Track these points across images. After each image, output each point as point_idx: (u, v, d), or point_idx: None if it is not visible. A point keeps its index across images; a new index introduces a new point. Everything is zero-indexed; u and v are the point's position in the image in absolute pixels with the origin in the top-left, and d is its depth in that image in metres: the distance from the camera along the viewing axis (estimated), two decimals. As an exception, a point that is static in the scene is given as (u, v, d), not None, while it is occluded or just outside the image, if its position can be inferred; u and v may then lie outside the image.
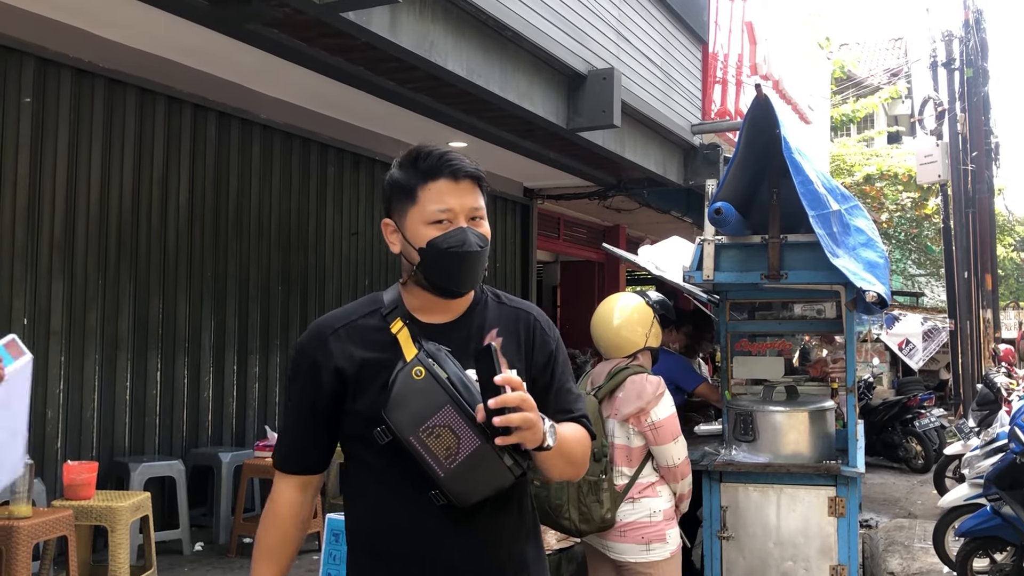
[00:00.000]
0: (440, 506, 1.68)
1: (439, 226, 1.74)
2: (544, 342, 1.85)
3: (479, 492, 1.67)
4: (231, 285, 7.09)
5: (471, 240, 1.73)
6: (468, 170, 1.77)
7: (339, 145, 8.09)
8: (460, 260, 1.73)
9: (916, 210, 18.67)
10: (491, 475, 1.65)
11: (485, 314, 1.84)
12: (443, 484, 1.64)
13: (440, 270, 1.74)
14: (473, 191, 1.78)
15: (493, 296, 1.89)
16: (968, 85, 13.35)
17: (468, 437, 1.61)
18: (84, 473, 4.73)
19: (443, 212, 1.74)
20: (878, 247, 4.36)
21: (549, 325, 1.89)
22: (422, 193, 1.75)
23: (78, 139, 5.92)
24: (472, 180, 1.78)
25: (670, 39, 8.58)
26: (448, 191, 1.74)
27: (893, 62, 24.85)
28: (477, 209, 1.78)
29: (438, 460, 1.62)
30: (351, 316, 1.81)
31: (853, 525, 4.21)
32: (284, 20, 4.89)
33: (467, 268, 1.75)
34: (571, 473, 1.84)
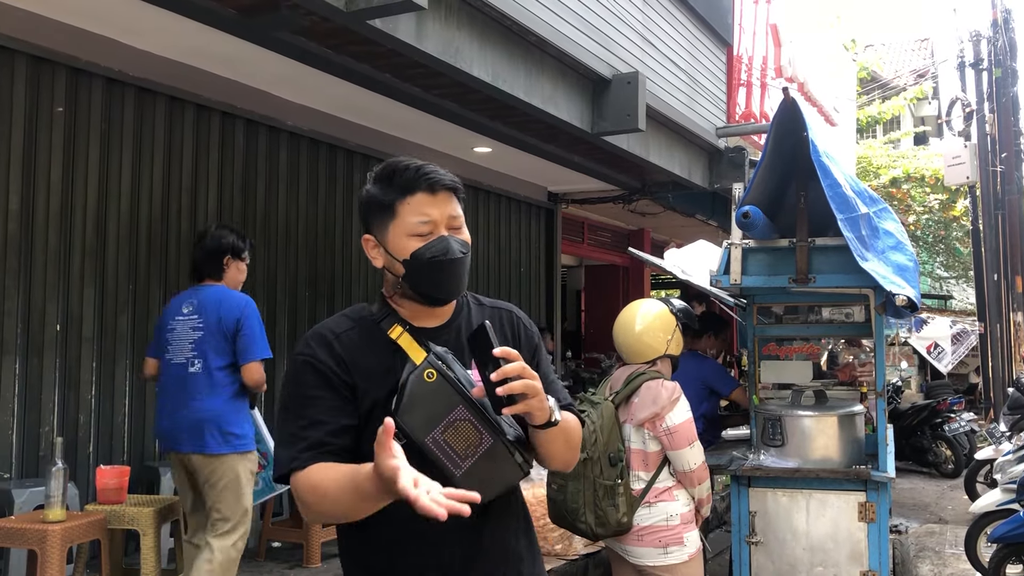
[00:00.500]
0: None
1: (421, 238, 1.78)
2: (528, 337, 1.92)
3: (492, 490, 1.68)
4: (259, 291, 7.14)
5: (453, 247, 1.78)
6: (444, 182, 1.82)
7: (365, 151, 8.13)
8: (444, 268, 1.77)
9: (944, 212, 18.48)
10: (503, 473, 1.68)
11: (469, 316, 1.89)
12: (457, 484, 1.63)
13: (426, 279, 1.78)
14: (450, 201, 1.83)
15: (473, 299, 1.95)
16: (997, 85, 13.22)
17: (481, 436, 1.64)
18: (117, 477, 4.78)
19: (424, 223, 1.78)
20: (907, 250, 4.33)
21: (529, 322, 1.97)
22: (401, 207, 1.79)
23: (109, 147, 6.00)
24: (448, 191, 1.83)
25: (695, 42, 8.56)
26: (427, 203, 1.79)
27: (919, 63, 24.62)
28: (455, 218, 1.83)
29: (453, 460, 1.64)
30: (343, 326, 1.84)
31: (884, 530, 4.18)
32: (311, 28, 4.94)
33: (452, 275, 1.79)
34: (570, 458, 1.85)
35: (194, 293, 4.47)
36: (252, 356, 4.22)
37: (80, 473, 5.61)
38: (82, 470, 5.64)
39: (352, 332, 1.82)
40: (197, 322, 4.33)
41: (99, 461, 5.67)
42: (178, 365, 4.34)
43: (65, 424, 5.64)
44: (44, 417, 5.53)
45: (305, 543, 5.94)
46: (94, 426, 5.82)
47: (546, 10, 5.93)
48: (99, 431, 5.85)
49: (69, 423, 5.66)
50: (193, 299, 4.42)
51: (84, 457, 5.73)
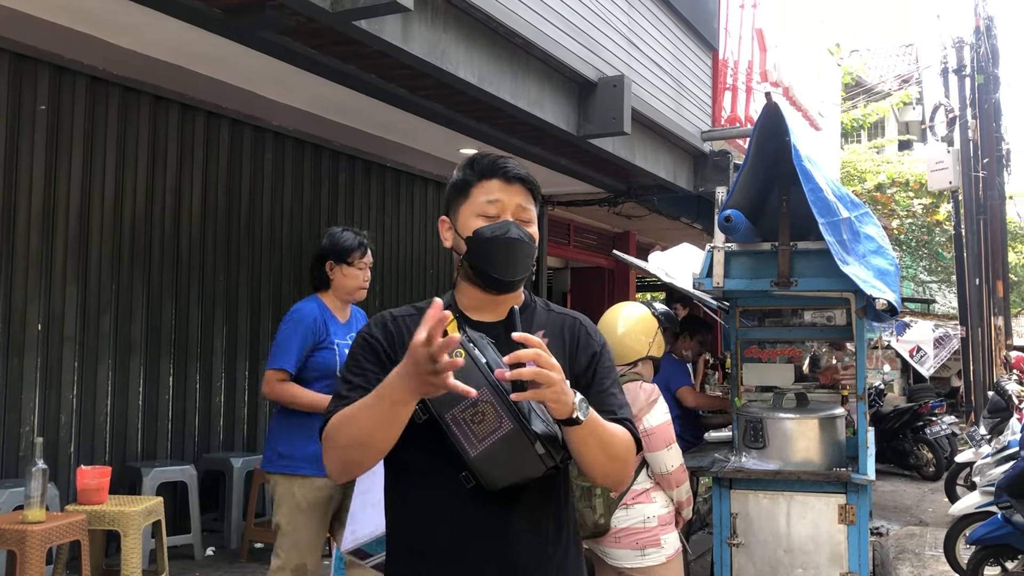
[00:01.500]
0: (469, 489, 1.71)
1: (487, 218, 1.83)
2: (588, 343, 1.90)
3: (507, 477, 1.69)
4: (243, 291, 7.13)
5: (514, 230, 1.81)
6: (520, 173, 1.87)
7: (350, 152, 8.13)
8: (502, 247, 1.80)
9: (927, 216, 18.61)
10: (521, 461, 1.67)
11: (533, 318, 1.90)
12: (472, 464, 1.68)
13: (484, 257, 1.82)
14: (523, 194, 1.87)
15: (543, 304, 1.97)
16: (979, 91, 13.34)
17: (501, 420, 1.65)
18: (97, 478, 4.76)
19: (491, 203, 1.83)
20: (888, 254, 4.37)
21: (595, 331, 1.95)
22: (475, 190, 1.86)
23: (92, 146, 5.97)
24: (523, 184, 1.87)
25: (680, 46, 8.60)
26: (499, 189, 1.85)
27: (904, 68, 24.79)
28: (525, 210, 1.86)
29: (470, 440, 1.67)
30: (407, 312, 1.91)
31: (864, 533, 4.21)
32: (297, 28, 4.93)
33: (509, 256, 1.81)
34: (612, 470, 1.81)
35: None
36: (267, 364, 3.82)
37: (61, 473, 5.58)
38: (63, 470, 5.62)
39: (410, 317, 1.87)
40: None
41: (80, 461, 5.65)
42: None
43: (46, 424, 5.61)
44: (24, 417, 5.50)
45: (288, 544, 5.91)
46: (75, 426, 5.79)
47: (532, 13, 5.95)
48: (80, 431, 5.82)
49: (50, 423, 5.63)
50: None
51: (65, 457, 5.71)
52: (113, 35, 5.35)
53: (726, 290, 4.46)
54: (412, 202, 9.07)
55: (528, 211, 1.87)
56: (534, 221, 1.88)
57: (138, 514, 4.72)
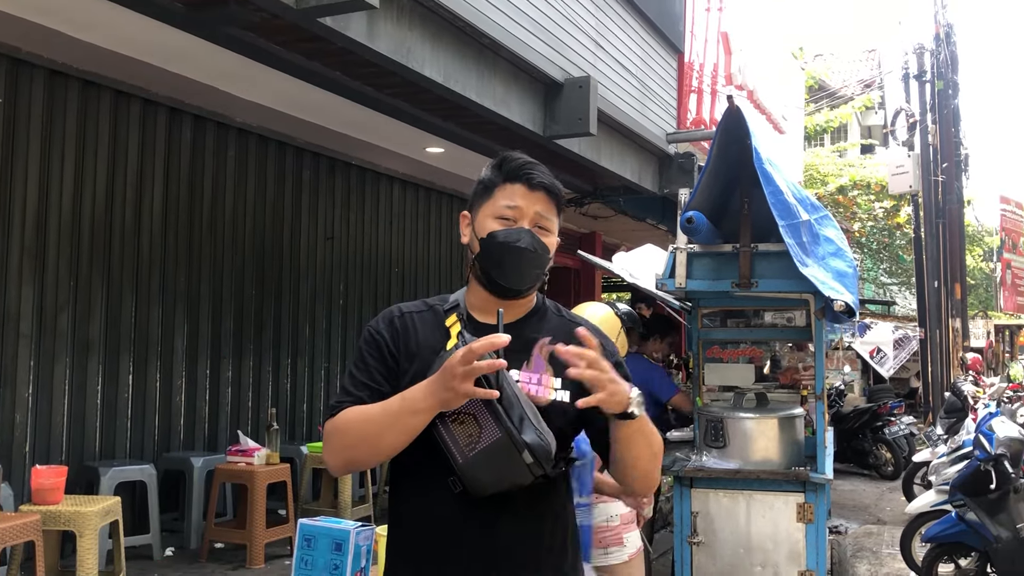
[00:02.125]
0: (459, 495, 1.71)
1: (503, 221, 1.83)
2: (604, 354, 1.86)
3: (495, 484, 1.69)
4: (205, 289, 7.05)
5: (526, 239, 1.81)
6: (544, 181, 1.86)
7: (315, 149, 8.08)
8: (512, 255, 1.80)
9: (888, 220, 18.87)
10: (509, 469, 1.66)
11: (542, 324, 1.89)
12: (460, 470, 1.69)
13: (493, 262, 1.82)
14: (545, 202, 1.86)
15: (555, 310, 1.95)
16: (939, 97, 13.56)
17: (490, 428, 1.65)
18: (53, 478, 4.69)
19: (510, 209, 1.83)
20: (847, 257, 4.43)
21: (605, 339, 1.92)
22: (498, 191, 1.86)
23: (51, 141, 5.88)
24: (546, 192, 1.86)
25: (647, 48, 8.65)
26: (520, 194, 1.84)
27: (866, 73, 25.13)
28: (544, 218, 1.85)
29: (459, 446, 1.67)
30: (416, 308, 1.91)
31: (821, 531, 4.27)
32: (261, 24, 4.89)
33: (518, 265, 1.81)
34: (653, 468, 1.81)
35: None
36: None
37: (15, 473, 5.49)
38: (17, 470, 5.52)
39: (420, 314, 1.88)
40: None
41: (36, 461, 5.56)
42: None
43: (1, 423, 5.51)
44: (-21, 416, 5.40)
45: (248, 544, 5.88)
46: (31, 425, 5.70)
47: (499, 13, 5.95)
48: (36, 430, 5.73)
49: (5, 422, 5.54)
50: None
51: (20, 457, 5.61)
52: (73, 29, 5.27)
53: (688, 291, 4.49)
54: (377, 200, 9.03)
55: (547, 220, 1.86)
56: (553, 232, 1.88)
57: (94, 514, 4.66)
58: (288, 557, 5.99)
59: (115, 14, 4.86)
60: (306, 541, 3.58)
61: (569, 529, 1.89)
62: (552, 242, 1.87)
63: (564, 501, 1.88)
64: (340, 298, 8.49)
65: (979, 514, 5.07)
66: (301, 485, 6.93)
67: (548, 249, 1.86)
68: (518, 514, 1.77)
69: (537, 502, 1.79)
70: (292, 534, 5.94)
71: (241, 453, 6.09)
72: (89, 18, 5.06)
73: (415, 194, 9.58)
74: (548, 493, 1.81)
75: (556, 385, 1.79)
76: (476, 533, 1.75)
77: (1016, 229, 22.01)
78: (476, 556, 1.76)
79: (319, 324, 8.21)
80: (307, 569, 3.63)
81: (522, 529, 1.78)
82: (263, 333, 7.57)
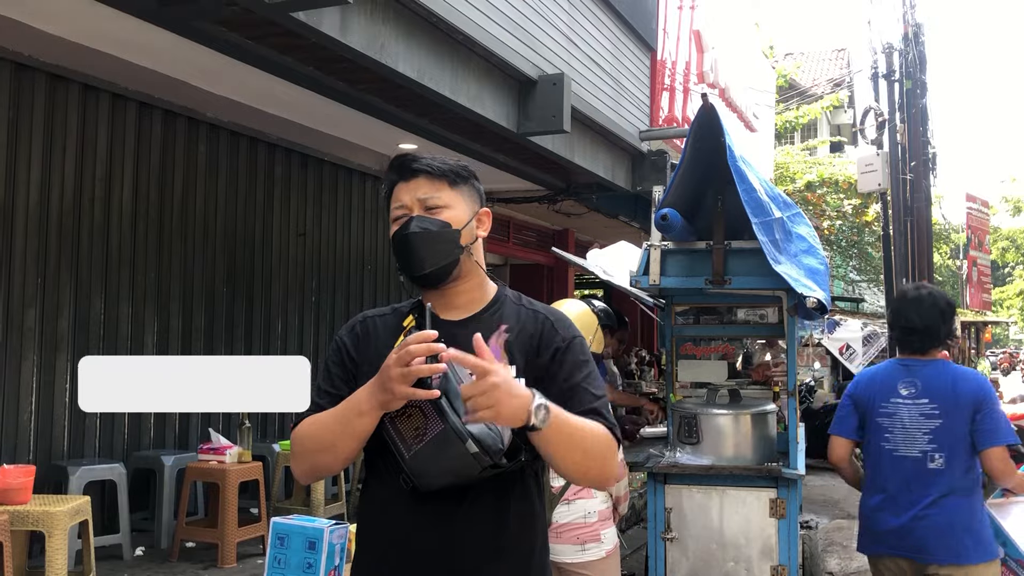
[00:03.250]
0: (410, 492, 1.71)
1: (397, 222, 1.86)
2: (551, 340, 1.84)
3: (441, 477, 1.68)
4: (175, 286, 6.98)
5: (413, 223, 1.81)
6: (418, 166, 1.85)
7: (287, 145, 8.02)
8: (403, 243, 1.82)
9: (857, 217, 19.06)
10: (453, 461, 1.65)
11: (501, 312, 1.88)
12: (408, 466, 1.69)
13: (400, 260, 1.85)
14: (427, 184, 1.86)
15: (515, 298, 1.93)
16: (907, 96, 13.70)
17: (434, 420, 1.65)
18: (20, 477, 4.62)
19: (398, 208, 1.86)
20: (819, 254, 4.47)
21: (563, 326, 1.88)
22: (390, 201, 1.89)
23: (18, 135, 5.79)
24: (426, 174, 1.86)
25: (619, 46, 8.67)
26: (402, 190, 1.87)
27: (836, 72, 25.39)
28: (431, 198, 1.84)
29: (405, 442, 1.68)
30: (380, 312, 1.93)
31: (793, 526, 4.30)
32: (233, 18, 4.84)
33: (412, 249, 1.81)
34: (590, 468, 1.74)
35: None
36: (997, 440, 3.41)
37: (-18, 473, 5.39)
38: (-16, 469, 5.43)
39: (382, 318, 1.90)
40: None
41: (3, 460, 5.47)
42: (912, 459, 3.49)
43: (-34, 422, 5.42)
44: (-56, 414, 5.31)
45: (220, 543, 5.83)
46: (-2, 424, 5.61)
47: (473, 9, 5.93)
48: (3, 429, 5.65)
49: (-29, 421, 5.45)
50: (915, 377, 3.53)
51: (-13, 456, 5.52)
52: (39, 20, 5.18)
53: (662, 288, 4.51)
54: (350, 196, 8.98)
55: (436, 198, 1.84)
56: (451, 206, 1.85)
57: (63, 514, 4.60)
58: (260, 556, 5.94)
59: (83, 5, 4.78)
60: (279, 540, 3.56)
61: (537, 530, 1.86)
62: (453, 215, 1.84)
63: (532, 500, 1.84)
64: (312, 295, 8.44)
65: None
66: (273, 483, 6.88)
67: (446, 224, 1.82)
68: (474, 513, 1.75)
69: (497, 500, 1.77)
70: (264, 533, 5.89)
71: (213, 451, 6.04)
72: (56, 9, 4.98)
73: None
74: (509, 491, 1.78)
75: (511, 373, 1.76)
76: (430, 532, 1.74)
77: (982, 227, 22.35)
78: (429, 555, 1.74)
79: (291, 321, 8.15)
80: (280, 568, 3.60)
81: (479, 528, 1.75)
82: (234, 330, 7.51)
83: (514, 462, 1.71)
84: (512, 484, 1.78)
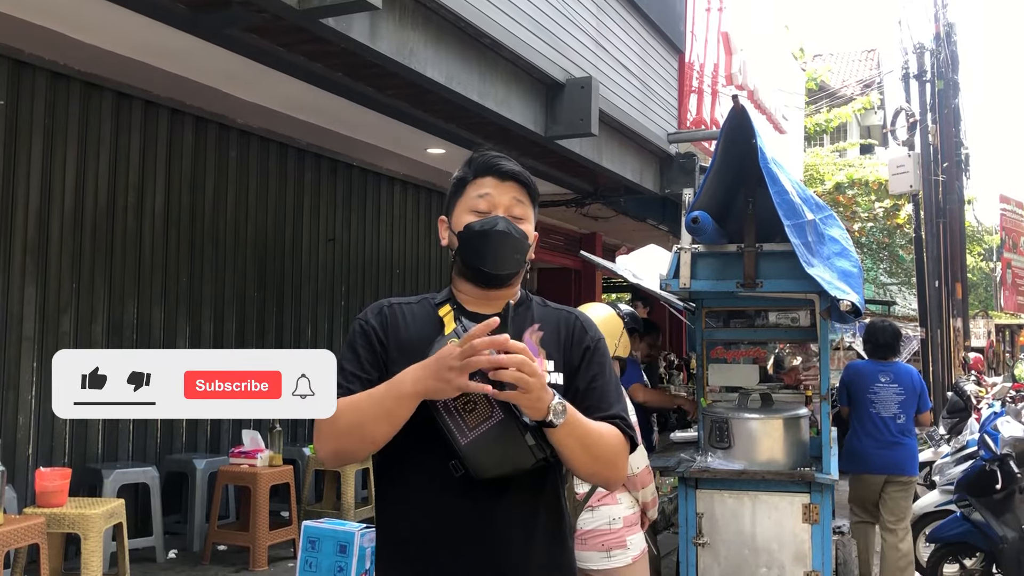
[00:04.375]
0: (459, 480, 1.72)
1: (478, 214, 1.86)
2: (581, 338, 1.89)
3: (497, 467, 1.70)
4: (206, 291, 7.05)
5: (502, 224, 1.83)
6: (514, 171, 1.90)
7: (316, 151, 8.07)
8: (489, 239, 1.83)
9: (888, 220, 18.86)
10: (511, 451, 1.69)
11: (529, 313, 1.91)
12: (463, 452, 1.69)
13: (473, 251, 1.84)
14: (517, 190, 1.90)
15: (540, 302, 1.97)
16: (939, 97, 13.54)
17: (494, 409, 1.67)
18: (56, 480, 4.68)
19: (483, 197, 1.86)
20: (852, 256, 4.42)
21: (591, 326, 1.94)
22: (470, 187, 1.89)
23: (53, 142, 5.87)
24: (517, 182, 1.90)
25: (647, 48, 8.64)
26: (491, 185, 1.88)
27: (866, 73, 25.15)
28: (517, 206, 1.89)
29: (461, 428, 1.69)
30: (405, 301, 1.94)
31: (827, 532, 4.26)
32: (263, 25, 4.89)
33: (495, 248, 1.83)
34: (598, 470, 1.80)
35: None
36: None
37: (19, 475, 5.48)
38: (21, 472, 5.51)
39: (410, 306, 1.91)
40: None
41: (39, 463, 5.54)
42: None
43: (3, 425, 5.50)
44: (-18, 418, 5.39)
45: (252, 546, 5.87)
46: (34, 427, 5.69)
47: (501, 13, 5.94)
48: (39, 433, 5.72)
49: (8, 424, 5.53)
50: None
51: (23, 459, 5.60)
52: (76, 30, 5.26)
53: (692, 291, 4.49)
54: (379, 201, 9.02)
55: (521, 207, 1.89)
56: (528, 219, 1.90)
57: (99, 517, 4.65)
58: (291, 559, 5.98)
59: (117, 15, 4.85)
60: (310, 543, 3.59)
61: (564, 518, 1.90)
62: (528, 230, 1.89)
63: (558, 490, 1.89)
64: (341, 299, 8.48)
65: (984, 514, 5.06)
66: (304, 487, 6.92)
67: (527, 236, 1.88)
68: (516, 499, 1.78)
69: (534, 488, 1.81)
70: (295, 536, 5.93)
71: (244, 455, 6.08)
72: (91, 19, 5.05)
73: (416, 195, 9.57)
74: (544, 481, 1.83)
75: (550, 368, 1.81)
76: (473, 516, 1.76)
77: (1016, 228, 22.00)
78: (469, 540, 1.76)
79: (321, 325, 8.20)
80: (312, 571, 3.62)
81: (518, 515, 1.79)
82: (265, 335, 7.56)
83: (555, 453, 1.75)
84: (549, 473, 1.83)
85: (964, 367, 13.18)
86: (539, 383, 1.61)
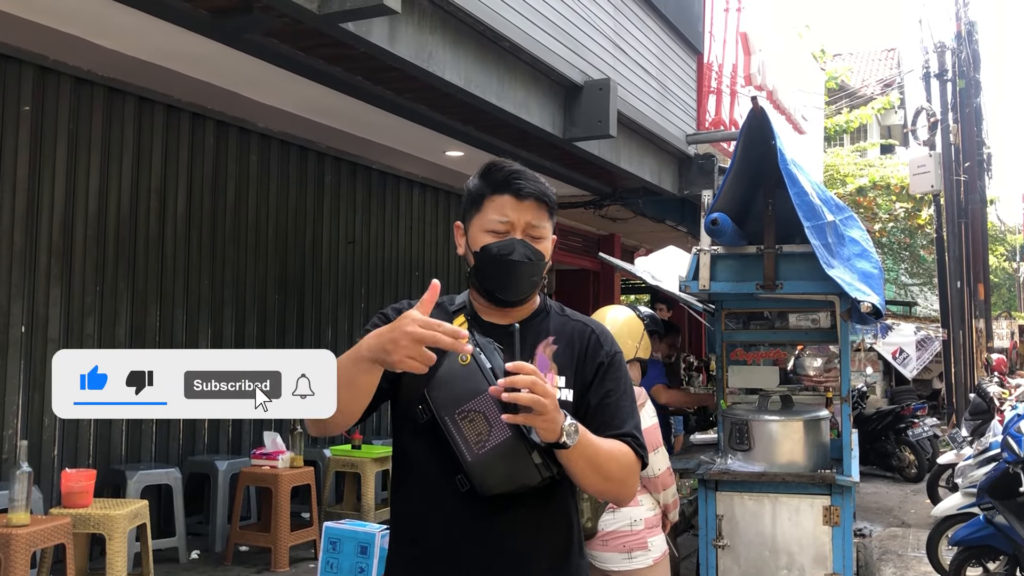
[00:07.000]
0: (464, 493, 1.72)
1: (495, 235, 1.83)
2: (595, 353, 1.87)
3: (503, 484, 1.70)
4: (228, 293, 7.10)
5: (519, 250, 1.81)
6: (532, 190, 1.85)
7: (336, 154, 8.12)
8: (505, 267, 1.81)
9: (909, 220, 18.74)
10: (517, 469, 1.68)
11: (545, 324, 1.89)
12: (469, 468, 1.69)
13: (488, 275, 1.83)
14: (536, 210, 1.85)
15: (558, 310, 1.95)
16: (960, 96, 13.45)
17: (500, 427, 1.65)
18: (82, 481, 4.73)
19: (501, 222, 1.83)
20: (872, 257, 4.40)
21: (607, 340, 1.91)
22: (487, 203, 1.85)
23: (77, 147, 5.94)
24: (536, 200, 1.85)
25: (665, 49, 8.63)
26: (510, 205, 1.83)
27: (886, 72, 24.99)
28: (536, 227, 1.85)
29: (468, 444, 1.68)
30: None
31: (848, 534, 4.24)
32: (283, 30, 4.92)
33: (512, 276, 1.82)
34: (607, 489, 1.80)
35: None
36: None
37: (44, 476, 5.54)
38: (46, 473, 5.58)
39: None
40: None
41: (64, 464, 5.61)
42: None
43: (29, 427, 5.57)
44: (8, 420, 5.46)
45: (273, 547, 5.91)
46: (59, 429, 5.76)
47: (519, 16, 5.96)
48: (64, 434, 5.79)
49: (33, 426, 5.59)
50: None
51: (49, 460, 5.67)
52: (99, 36, 5.32)
53: (712, 293, 4.49)
54: (398, 204, 9.06)
55: (539, 228, 1.86)
56: (546, 237, 1.88)
57: (123, 517, 4.70)
58: (312, 560, 6.02)
59: (139, 21, 4.91)
60: (332, 544, 3.61)
61: (573, 529, 1.89)
62: (546, 247, 1.87)
63: (568, 502, 1.87)
64: (361, 302, 8.52)
65: (1008, 517, 5.02)
66: (324, 488, 6.96)
67: (543, 256, 1.86)
68: (524, 513, 1.78)
69: (541, 504, 1.80)
70: (316, 537, 5.96)
71: (265, 456, 6.13)
72: (114, 25, 5.11)
73: (435, 197, 9.61)
74: (552, 495, 1.81)
75: (560, 384, 1.80)
76: (480, 531, 1.76)
77: (1039, 228, 21.78)
78: (475, 555, 1.76)
79: (341, 328, 8.24)
80: (333, 572, 3.65)
81: (526, 529, 1.79)
82: (285, 337, 7.61)
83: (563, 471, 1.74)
84: (555, 490, 1.80)
85: (987, 368, 13.05)
86: (553, 404, 1.60)
